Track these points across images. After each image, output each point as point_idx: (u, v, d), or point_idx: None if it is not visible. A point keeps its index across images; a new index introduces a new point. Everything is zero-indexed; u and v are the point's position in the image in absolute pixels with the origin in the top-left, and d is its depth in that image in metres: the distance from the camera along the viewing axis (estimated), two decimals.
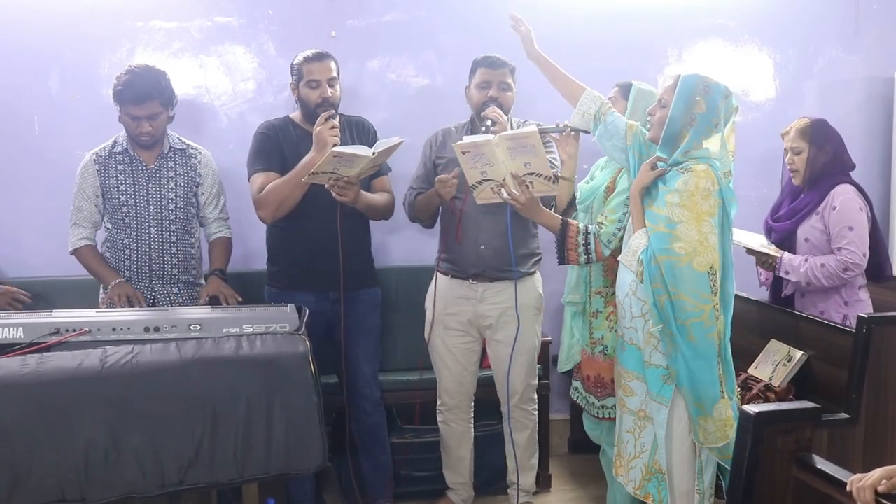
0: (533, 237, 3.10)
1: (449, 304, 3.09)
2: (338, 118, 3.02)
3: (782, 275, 3.03)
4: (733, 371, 2.52)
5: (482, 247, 3.00)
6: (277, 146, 3.00)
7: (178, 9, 3.59)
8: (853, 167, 3.11)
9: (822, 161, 3.02)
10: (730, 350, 2.51)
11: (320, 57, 2.98)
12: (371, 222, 3.18)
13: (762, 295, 3.33)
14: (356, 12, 3.70)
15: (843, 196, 2.96)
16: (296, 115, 3.08)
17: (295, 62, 3.00)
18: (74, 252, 2.97)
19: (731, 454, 2.42)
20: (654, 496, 2.51)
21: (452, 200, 3.00)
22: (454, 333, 3.11)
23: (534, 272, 3.12)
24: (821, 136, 3.02)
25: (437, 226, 3.19)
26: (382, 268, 3.42)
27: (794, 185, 3.15)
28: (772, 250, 3.07)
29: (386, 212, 3.12)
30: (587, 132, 2.79)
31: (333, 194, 2.79)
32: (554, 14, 3.76)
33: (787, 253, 3.05)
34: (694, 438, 2.47)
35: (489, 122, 2.84)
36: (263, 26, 3.66)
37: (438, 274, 3.15)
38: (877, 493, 1.65)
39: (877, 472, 1.66)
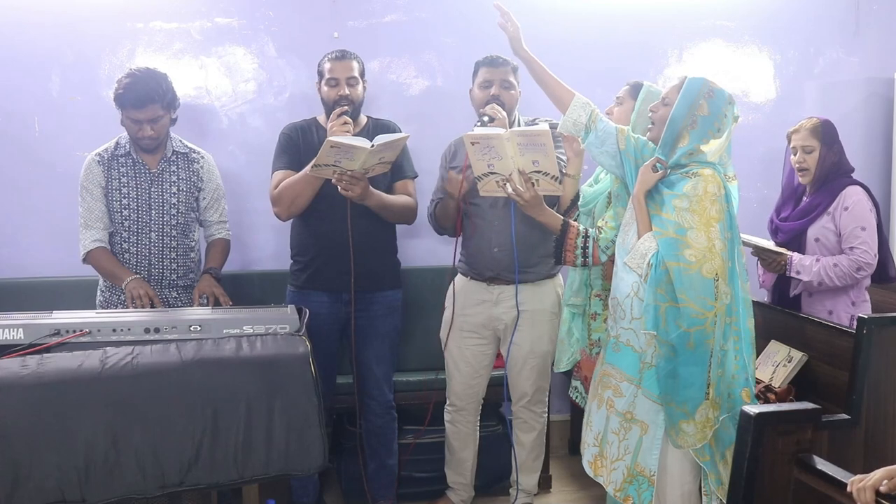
0: (552, 236, 3.07)
1: (466, 305, 3.09)
2: (364, 118, 3.04)
3: (793, 275, 3.04)
4: (750, 367, 2.49)
5: (495, 249, 2.99)
6: (296, 146, 3.03)
7: (178, 10, 3.59)
8: (853, 170, 3.14)
9: (831, 161, 3.06)
10: (752, 351, 2.49)
11: (341, 56, 3.01)
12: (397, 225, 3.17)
13: (763, 296, 3.33)
14: (356, 13, 3.70)
15: (854, 197, 3.00)
16: (321, 117, 3.10)
17: (320, 61, 3.05)
18: (87, 255, 2.89)
19: (709, 455, 2.43)
20: (635, 498, 2.50)
21: (468, 205, 3.01)
22: (468, 335, 3.11)
23: (554, 274, 3.10)
24: (830, 137, 3.07)
25: None
26: (406, 268, 3.38)
27: (796, 185, 3.17)
28: (781, 250, 3.08)
29: (405, 214, 3.07)
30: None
31: (339, 189, 2.79)
32: (554, 14, 3.77)
33: (796, 253, 3.06)
34: (672, 443, 2.45)
35: (486, 119, 2.84)
36: (264, 27, 3.66)
37: (458, 274, 3.16)
38: (877, 493, 1.65)
39: (878, 473, 1.66)
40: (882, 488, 1.64)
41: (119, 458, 2.06)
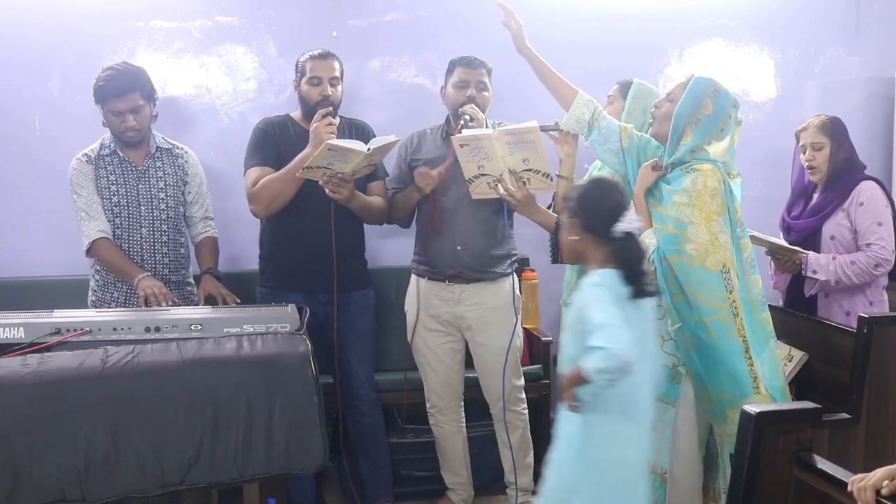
0: (508, 238, 3.09)
1: (428, 304, 3.08)
2: (338, 119, 3.02)
3: (809, 274, 2.97)
4: (776, 364, 2.49)
5: (458, 247, 2.99)
6: (274, 142, 3.00)
7: (179, 9, 3.59)
8: (864, 167, 3.09)
9: (842, 158, 2.99)
10: (763, 346, 2.48)
11: (324, 56, 2.99)
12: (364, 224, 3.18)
13: (777, 298, 3.29)
14: (357, 12, 3.70)
15: (869, 192, 2.94)
16: (296, 113, 3.09)
17: (300, 59, 3.02)
18: (92, 245, 2.86)
19: None
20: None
21: (432, 202, 3.00)
22: (436, 334, 3.11)
23: (510, 273, 3.10)
24: (840, 133, 3.01)
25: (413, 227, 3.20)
26: (375, 268, 3.42)
27: (806, 184, 3.11)
28: (797, 249, 3.02)
29: (380, 215, 3.10)
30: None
31: (327, 191, 2.78)
32: (554, 13, 3.76)
33: (812, 252, 2.99)
34: (720, 430, 2.45)
35: (467, 118, 2.84)
36: (264, 26, 3.66)
37: (414, 276, 3.15)
38: (878, 493, 1.64)
39: (878, 473, 1.66)
40: (883, 490, 1.63)
41: (119, 458, 2.06)
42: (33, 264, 3.54)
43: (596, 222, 2.08)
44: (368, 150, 2.67)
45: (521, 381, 3.21)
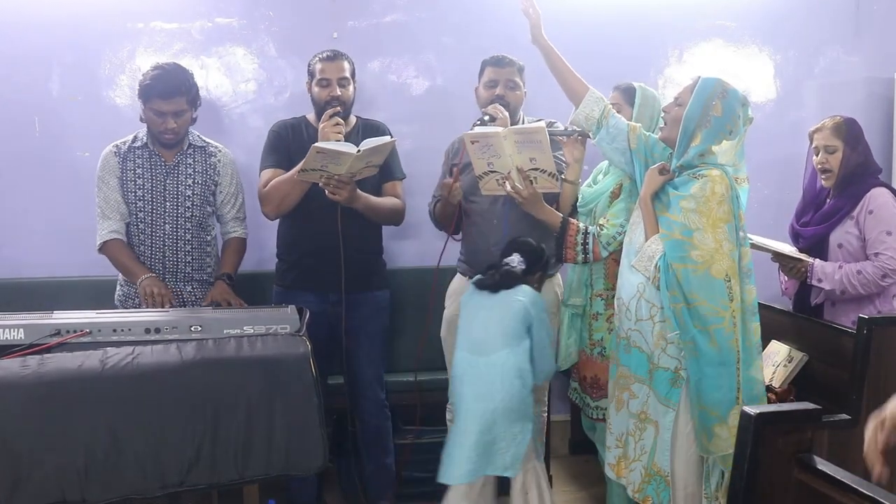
0: (551, 237, 3.08)
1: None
2: (354, 119, 3.03)
3: (814, 283, 2.92)
4: (759, 377, 2.49)
5: (493, 247, 3.00)
6: (286, 144, 3.02)
7: (178, 10, 3.59)
8: (880, 170, 3.03)
9: (855, 162, 2.92)
10: (755, 355, 2.48)
11: (333, 57, 3.00)
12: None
13: (787, 304, 3.28)
14: (357, 13, 3.71)
15: (879, 199, 2.86)
16: (311, 115, 3.10)
17: (310, 61, 3.04)
18: (103, 245, 2.89)
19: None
20: (654, 499, 2.50)
21: (468, 203, 3.00)
22: None
23: (552, 274, 3.09)
24: (854, 136, 2.94)
25: None
26: (393, 268, 3.40)
27: (818, 189, 3.05)
28: (802, 256, 2.97)
29: (392, 217, 3.09)
30: (588, 136, 2.78)
31: (327, 193, 2.79)
32: (554, 14, 3.72)
33: (818, 259, 2.94)
34: (698, 449, 2.44)
35: (486, 118, 2.84)
36: (264, 27, 3.67)
37: (458, 274, 3.16)
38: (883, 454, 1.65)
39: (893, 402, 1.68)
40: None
41: (119, 459, 2.05)
42: (33, 265, 3.55)
43: None
44: (358, 151, 2.67)
45: (548, 384, 3.20)
